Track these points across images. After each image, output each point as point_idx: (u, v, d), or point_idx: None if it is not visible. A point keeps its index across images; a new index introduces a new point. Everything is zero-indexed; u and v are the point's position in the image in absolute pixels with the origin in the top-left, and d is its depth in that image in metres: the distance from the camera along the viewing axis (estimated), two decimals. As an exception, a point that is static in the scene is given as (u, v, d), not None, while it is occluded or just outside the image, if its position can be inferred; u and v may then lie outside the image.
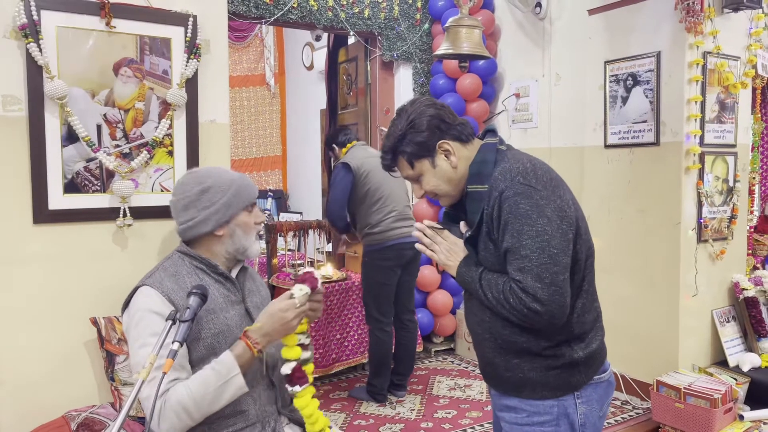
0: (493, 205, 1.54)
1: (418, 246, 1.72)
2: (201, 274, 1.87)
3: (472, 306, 1.73)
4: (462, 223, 1.71)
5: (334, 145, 3.90)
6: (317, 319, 1.82)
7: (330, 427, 1.86)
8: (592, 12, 3.88)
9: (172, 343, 1.55)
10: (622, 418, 3.47)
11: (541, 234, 1.48)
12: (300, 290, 1.75)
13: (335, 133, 3.96)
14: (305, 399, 1.79)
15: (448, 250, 1.68)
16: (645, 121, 3.60)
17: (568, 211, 1.55)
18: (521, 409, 1.62)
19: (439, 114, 1.64)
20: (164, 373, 1.48)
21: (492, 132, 1.70)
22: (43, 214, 2.34)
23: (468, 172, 1.64)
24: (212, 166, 2.08)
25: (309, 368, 1.82)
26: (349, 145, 3.80)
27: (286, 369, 1.76)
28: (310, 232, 4.73)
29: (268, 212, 4.94)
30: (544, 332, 1.57)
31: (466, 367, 4.41)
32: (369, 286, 3.68)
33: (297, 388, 1.78)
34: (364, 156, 3.70)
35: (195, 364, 1.76)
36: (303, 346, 1.80)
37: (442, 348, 4.76)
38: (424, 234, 1.70)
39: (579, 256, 1.58)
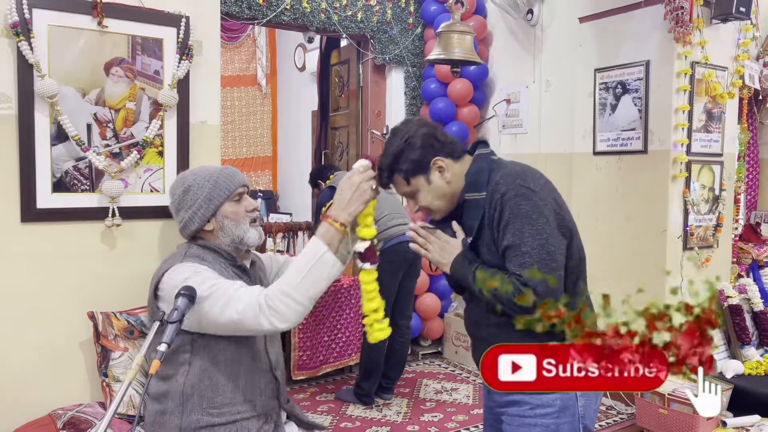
0: (495, 207, 1.61)
1: (412, 246, 1.77)
2: (224, 262, 1.91)
3: (473, 313, 1.79)
4: (454, 222, 1.75)
5: (319, 181, 4.06)
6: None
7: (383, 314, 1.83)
8: (582, 20, 3.92)
9: (160, 344, 1.55)
10: (607, 423, 3.49)
11: (540, 232, 1.57)
12: (360, 163, 1.76)
13: (320, 170, 4.15)
14: (371, 276, 1.76)
15: (441, 248, 1.73)
16: (633, 129, 3.64)
17: (561, 214, 1.64)
18: (525, 402, 1.66)
19: (432, 133, 1.72)
20: (151, 375, 1.49)
21: (484, 143, 1.78)
22: (31, 212, 2.34)
23: (464, 183, 1.71)
24: (200, 165, 2.10)
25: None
26: (332, 176, 3.94)
27: (360, 247, 1.74)
28: (300, 233, 4.73)
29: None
30: (550, 331, 1.60)
31: (453, 371, 4.43)
32: None
33: (367, 265, 1.75)
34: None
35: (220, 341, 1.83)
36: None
37: (430, 351, 4.78)
38: (418, 234, 1.75)
39: (572, 256, 1.66)
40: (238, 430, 1.86)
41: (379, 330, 1.78)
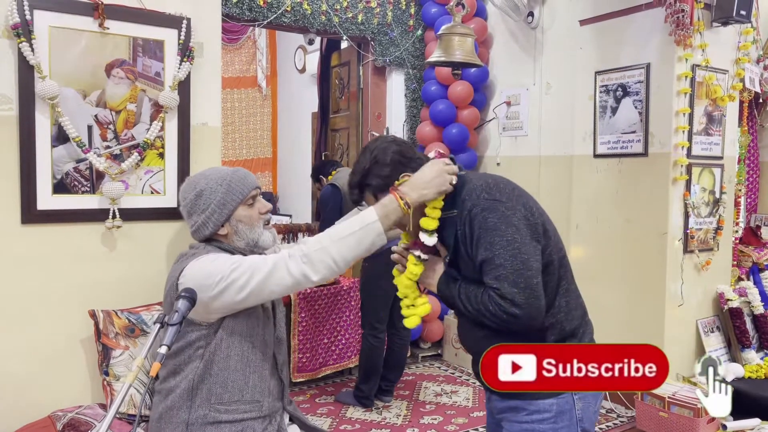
0: (465, 223, 1.63)
1: (399, 268, 1.80)
2: None
3: (464, 326, 1.81)
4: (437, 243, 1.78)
5: (321, 176, 4.08)
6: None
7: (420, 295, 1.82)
8: (583, 23, 3.92)
9: (160, 346, 1.55)
10: (607, 427, 3.49)
11: (511, 243, 1.57)
12: (444, 159, 1.73)
13: (322, 166, 4.19)
14: (417, 269, 1.74)
15: (427, 268, 1.76)
16: (634, 132, 3.64)
17: (532, 219, 1.64)
18: (522, 408, 1.67)
19: (401, 150, 1.75)
20: (152, 377, 1.49)
21: (451, 159, 1.79)
22: (31, 214, 2.33)
23: None
24: (210, 168, 2.08)
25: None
26: (333, 173, 3.96)
27: (430, 241, 1.69)
28: (300, 235, 4.74)
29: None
30: (540, 336, 1.65)
31: (453, 373, 4.42)
32: (369, 293, 3.69)
33: (421, 255, 1.73)
34: (348, 175, 3.81)
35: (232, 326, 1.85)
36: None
37: (430, 353, 4.77)
38: (402, 256, 1.79)
39: (552, 257, 1.67)
40: (243, 430, 1.86)
41: (422, 305, 1.80)
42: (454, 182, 1.70)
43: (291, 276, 1.71)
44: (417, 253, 1.72)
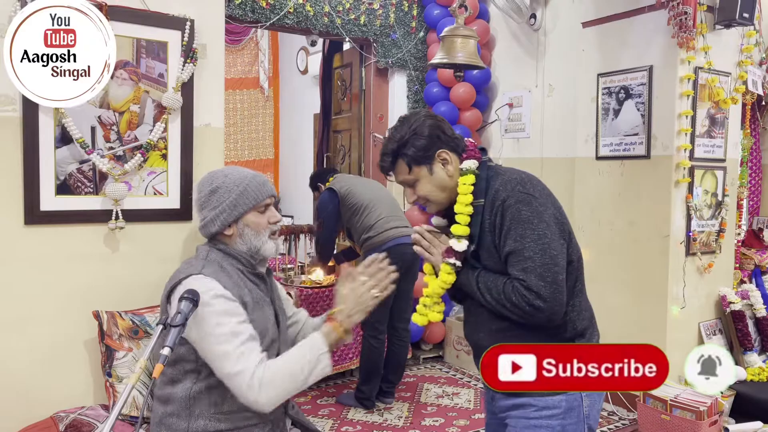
0: (496, 213, 1.64)
1: (416, 248, 1.79)
2: (240, 273, 1.88)
3: (475, 320, 1.78)
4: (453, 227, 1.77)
5: (319, 184, 4.06)
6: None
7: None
8: (586, 25, 3.92)
9: (163, 348, 1.55)
10: (609, 429, 3.49)
11: (542, 237, 1.60)
12: (371, 258, 1.86)
13: (319, 174, 4.18)
14: (450, 278, 1.75)
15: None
16: (636, 134, 3.64)
17: (561, 218, 1.69)
18: (530, 405, 1.67)
19: (440, 125, 1.76)
20: (154, 378, 1.49)
21: (483, 150, 1.80)
22: (34, 215, 2.34)
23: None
24: (232, 167, 2.07)
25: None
26: (331, 179, 3.95)
27: (458, 246, 1.72)
28: (301, 236, 4.75)
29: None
30: (553, 332, 1.66)
31: (454, 375, 4.42)
32: None
33: (456, 263, 1.76)
34: (345, 179, 3.89)
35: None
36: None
37: (431, 355, 4.77)
38: (423, 237, 1.78)
39: (572, 257, 1.70)
40: None
41: (437, 312, 1.86)
42: (376, 294, 1.78)
43: (243, 395, 1.72)
44: (452, 261, 1.72)
